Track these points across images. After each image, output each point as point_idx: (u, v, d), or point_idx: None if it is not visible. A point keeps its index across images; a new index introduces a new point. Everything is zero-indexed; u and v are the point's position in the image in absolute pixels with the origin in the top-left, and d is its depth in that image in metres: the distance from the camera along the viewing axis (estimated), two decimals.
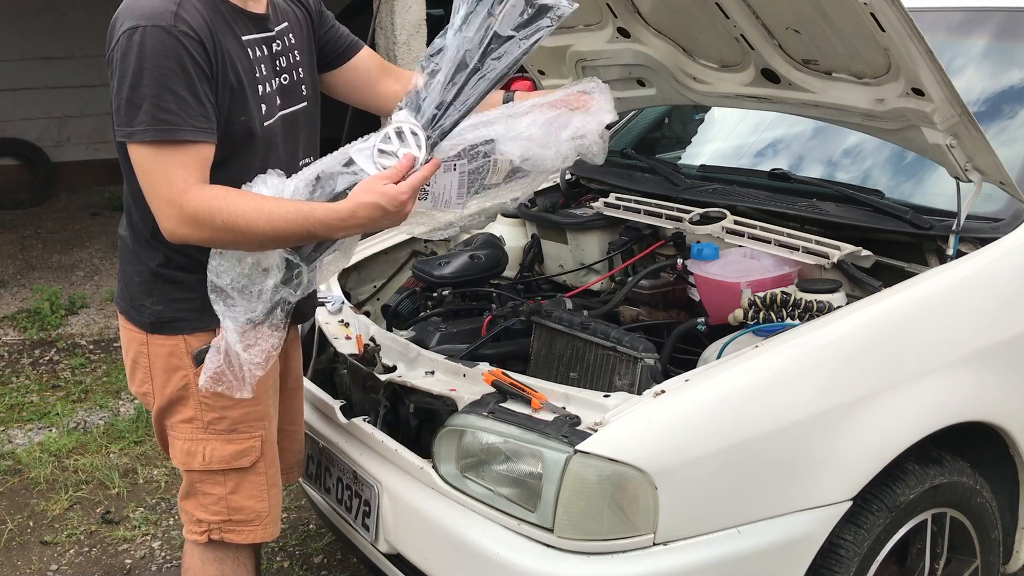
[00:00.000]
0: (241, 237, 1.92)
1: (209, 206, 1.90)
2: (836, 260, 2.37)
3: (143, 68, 1.88)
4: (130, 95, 1.89)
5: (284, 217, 1.91)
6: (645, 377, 2.23)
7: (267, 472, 2.21)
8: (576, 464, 1.90)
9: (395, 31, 5.49)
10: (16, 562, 3.27)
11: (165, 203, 1.92)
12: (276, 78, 2.12)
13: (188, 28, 1.91)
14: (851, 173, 2.82)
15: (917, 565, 2.30)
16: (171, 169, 1.91)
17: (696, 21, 2.59)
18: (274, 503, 2.24)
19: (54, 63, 8.47)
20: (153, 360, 2.14)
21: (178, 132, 1.90)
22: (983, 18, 2.89)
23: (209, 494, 2.18)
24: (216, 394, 2.09)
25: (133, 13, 1.92)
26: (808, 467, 2.01)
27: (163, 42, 1.88)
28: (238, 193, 1.95)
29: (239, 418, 2.14)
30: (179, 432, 2.17)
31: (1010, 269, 2.30)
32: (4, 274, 6.32)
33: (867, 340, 2.12)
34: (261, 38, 2.10)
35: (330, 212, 1.93)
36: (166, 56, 1.88)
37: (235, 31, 2.03)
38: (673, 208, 2.82)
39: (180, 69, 1.90)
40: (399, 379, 2.37)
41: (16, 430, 4.16)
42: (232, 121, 2.01)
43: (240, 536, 2.21)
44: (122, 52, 1.90)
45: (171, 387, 2.13)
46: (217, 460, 2.15)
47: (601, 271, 3.02)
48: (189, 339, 2.10)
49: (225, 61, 1.98)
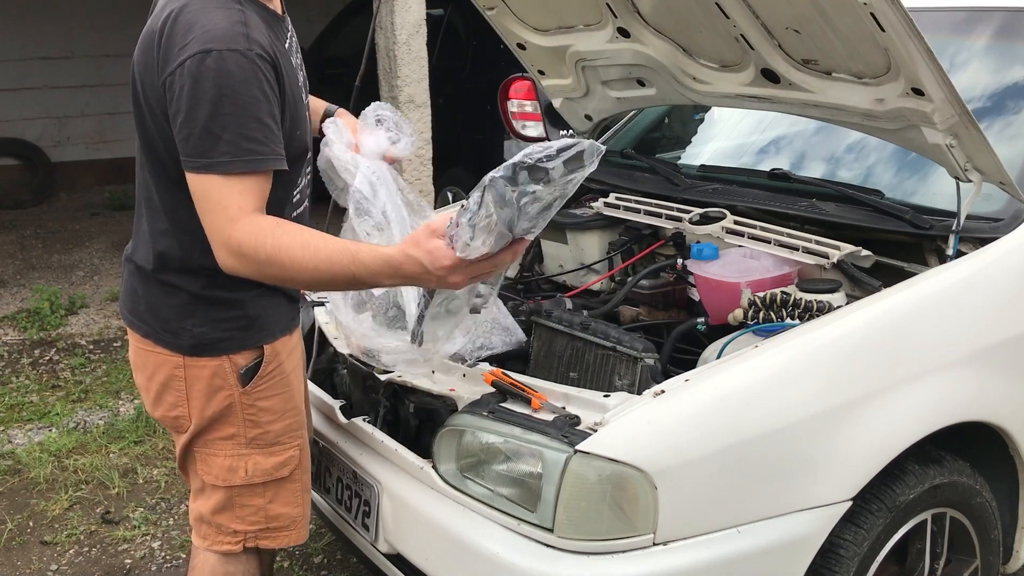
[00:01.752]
0: (285, 273, 1.84)
1: (255, 240, 1.82)
2: (836, 260, 2.37)
3: (223, 96, 1.79)
4: (207, 124, 1.80)
5: (328, 256, 1.81)
6: (645, 377, 2.23)
7: (303, 478, 2.22)
8: (576, 464, 1.90)
9: (395, 31, 5.50)
10: (16, 562, 3.27)
11: (216, 231, 1.85)
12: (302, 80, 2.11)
13: (261, 50, 1.85)
14: (851, 173, 2.83)
15: (917, 565, 2.30)
16: (230, 196, 1.83)
17: (696, 21, 2.59)
18: (307, 507, 2.25)
19: (54, 63, 8.48)
20: (191, 383, 2.06)
21: (265, 163, 1.84)
22: (983, 18, 2.89)
23: (248, 506, 2.15)
24: (262, 410, 2.09)
25: (200, 35, 1.82)
26: (808, 467, 2.01)
27: (242, 67, 1.80)
28: (288, 226, 1.87)
29: (282, 431, 2.13)
30: (218, 449, 2.11)
31: (1010, 269, 2.30)
32: (4, 274, 6.32)
33: (867, 340, 2.12)
34: (291, 41, 2.07)
35: (376, 257, 1.81)
36: (247, 82, 1.81)
37: (280, 40, 1.98)
38: (673, 208, 2.82)
39: (261, 95, 1.83)
40: (399, 379, 2.37)
41: (16, 430, 4.16)
42: (292, 137, 1.97)
43: (275, 541, 2.20)
44: (193, 78, 1.79)
45: (212, 408, 2.07)
46: (260, 473, 2.13)
47: (601, 271, 3.02)
48: (234, 359, 2.05)
49: (286, 77, 1.93)
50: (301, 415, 2.19)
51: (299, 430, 2.18)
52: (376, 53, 5.70)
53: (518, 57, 3.18)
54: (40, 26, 8.32)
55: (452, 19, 6.80)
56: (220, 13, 1.85)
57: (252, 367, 2.06)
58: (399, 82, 5.57)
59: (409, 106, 5.62)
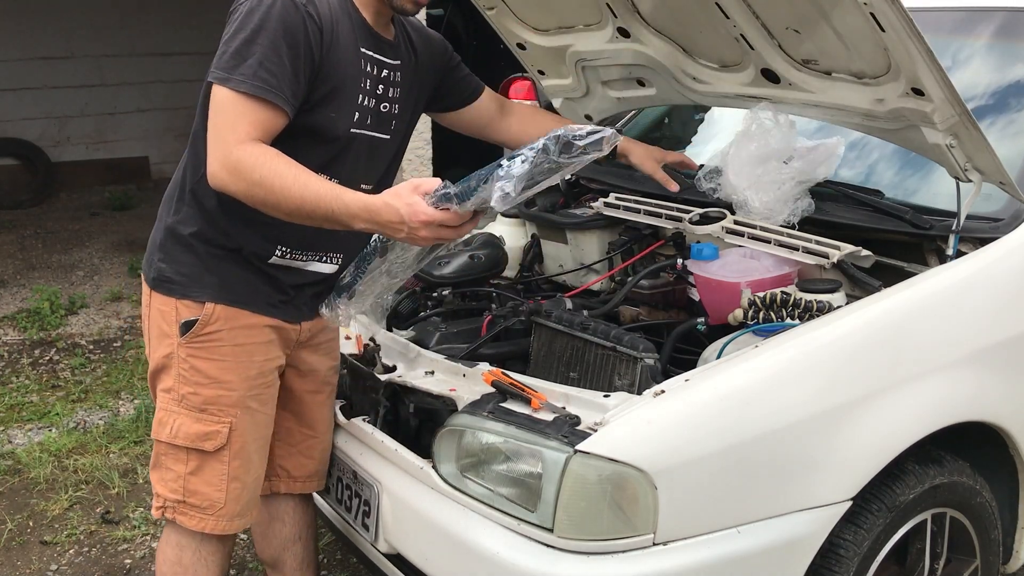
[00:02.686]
0: (272, 197, 1.97)
1: (254, 160, 1.97)
2: (836, 260, 2.37)
3: (263, 28, 1.99)
4: (241, 47, 2.00)
5: (316, 191, 1.96)
6: (645, 377, 2.23)
7: (230, 463, 2.22)
8: (576, 464, 1.90)
9: None
10: (16, 562, 3.27)
11: (219, 143, 2.00)
12: (376, 102, 2.22)
13: (315, 11, 2.05)
14: (851, 173, 2.82)
15: (917, 565, 2.30)
16: (241, 119, 1.99)
17: (696, 21, 2.59)
18: (232, 497, 2.23)
19: (54, 63, 8.47)
20: (152, 321, 2.23)
21: (269, 93, 1.99)
22: (983, 18, 2.89)
23: (170, 469, 2.22)
24: (194, 368, 2.16)
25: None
26: (808, 467, 2.02)
27: (290, 13, 2.01)
28: (286, 159, 2.00)
29: (210, 398, 2.18)
30: (159, 401, 2.23)
31: (1010, 269, 2.30)
32: (4, 274, 6.32)
33: (867, 340, 2.12)
34: (378, 59, 2.21)
35: (357, 200, 1.97)
36: (287, 27, 2.00)
37: (356, 39, 2.15)
38: (673, 208, 2.82)
39: (294, 42, 2.01)
40: (399, 379, 2.37)
41: (16, 430, 4.16)
42: (320, 114, 2.10)
43: (191, 521, 2.23)
44: (250, 7, 2.02)
45: (159, 352, 2.21)
46: (183, 436, 2.19)
47: (601, 271, 3.02)
48: (180, 308, 2.17)
49: (333, 56, 2.08)
50: (236, 393, 2.19)
51: (232, 407, 2.20)
52: None
53: (518, 57, 3.18)
54: (40, 26, 8.31)
55: (452, 19, 6.81)
56: None
57: (191, 321, 2.16)
58: None
59: None
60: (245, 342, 2.20)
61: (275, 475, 2.44)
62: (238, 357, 2.19)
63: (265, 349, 2.24)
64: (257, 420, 2.25)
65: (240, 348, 2.19)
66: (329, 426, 2.49)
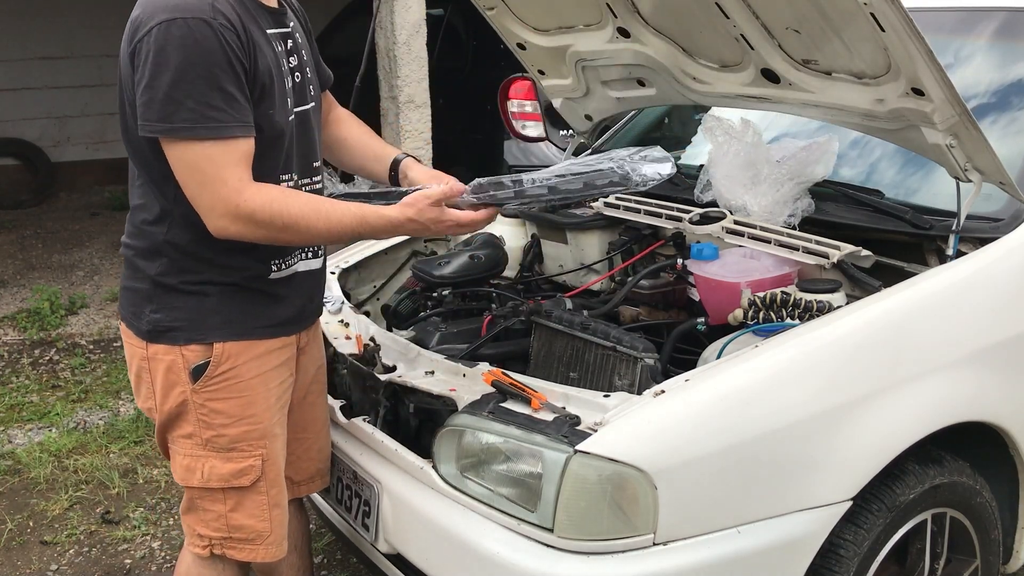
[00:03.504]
0: (297, 237, 1.99)
1: (270, 208, 1.92)
2: (836, 260, 2.37)
3: (187, 62, 1.84)
4: (170, 91, 1.84)
5: (340, 220, 1.99)
6: (645, 377, 2.23)
7: (268, 492, 2.16)
8: (576, 464, 1.90)
9: (395, 31, 5.50)
10: (16, 562, 3.27)
11: (220, 201, 1.91)
12: (291, 75, 2.11)
13: (226, 20, 1.89)
14: (851, 172, 2.82)
15: (917, 565, 2.30)
16: (225, 168, 1.90)
17: (696, 21, 2.59)
18: (276, 523, 2.19)
19: (54, 63, 8.47)
20: (154, 374, 2.10)
21: (227, 129, 1.89)
22: (983, 18, 2.89)
23: (209, 511, 2.15)
24: (214, 411, 2.07)
25: (166, 5, 1.87)
26: (808, 467, 2.01)
27: (206, 35, 1.85)
28: (294, 194, 1.99)
29: (238, 436, 2.10)
30: (179, 447, 2.13)
31: (1010, 269, 2.30)
32: (4, 274, 6.32)
33: (867, 340, 2.12)
34: (280, 33, 2.09)
35: (382, 219, 2.02)
36: (210, 50, 1.85)
37: (259, 24, 2.02)
38: (673, 208, 2.82)
39: (225, 63, 1.87)
40: (399, 379, 2.37)
41: (16, 430, 4.16)
42: (263, 115, 1.99)
43: (242, 554, 2.18)
44: (158, 45, 1.84)
45: (170, 403, 2.09)
46: (216, 478, 2.11)
47: (601, 271, 3.02)
48: (186, 353, 2.06)
49: (256, 55, 1.96)
50: (263, 424, 2.12)
51: (260, 439, 2.12)
52: (376, 53, 5.70)
53: (518, 57, 3.18)
54: (40, 26, 8.32)
55: (452, 19, 6.80)
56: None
57: (202, 365, 2.06)
58: (399, 82, 5.56)
59: (409, 106, 5.62)
60: (261, 372, 2.12)
61: None
62: (256, 389, 2.11)
63: (280, 372, 2.18)
64: (282, 442, 2.21)
65: (258, 379, 2.11)
66: (325, 423, 2.46)
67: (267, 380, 2.14)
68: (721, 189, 2.71)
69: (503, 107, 6.13)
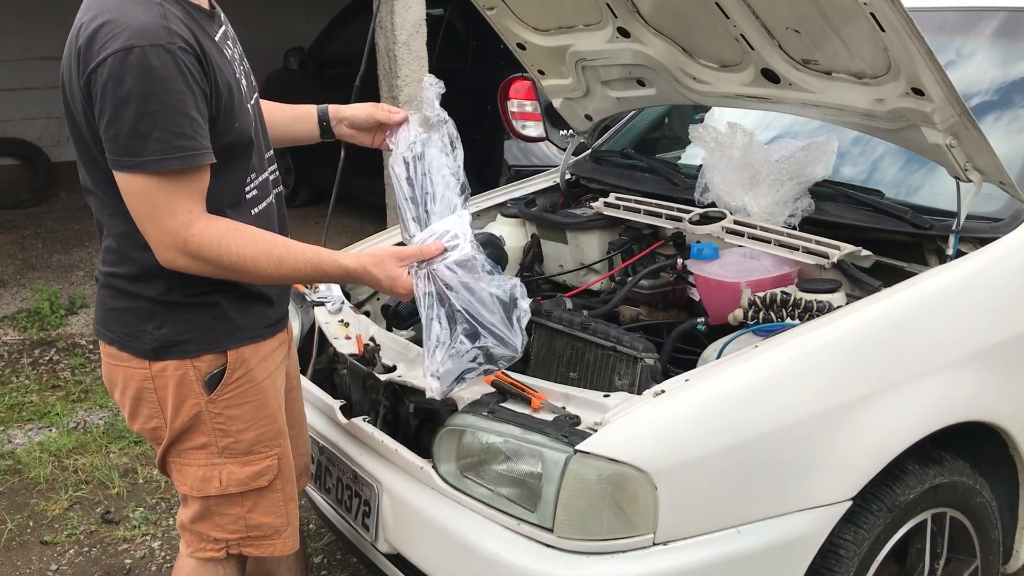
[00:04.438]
0: (244, 277, 1.96)
1: (218, 245, 1.88)
2: (836, 260, 2.37)
3: (149, 93, 1.78)
4: (135, 123, 1.79)
5: (292, 266, 1.97)
6: (645, 377, 2.23)
7: (284, 488, 2.17)
8: (576, 464, 1.90)
9: (395, 31, 5.50)
10: (16, 562, 3.27)
11: (167, 234, 1.86)
12: (240, 74, 2.05)
13: (183, 43, 1.82)
14: (851, 172, 2.82)
15: (917, 565, 2.30)
16: (177, 199, 1.84)
17: (696, 21, 2.59)
18: (292, 517, 2.20)
19: (54, 63, 8.40)
20: (161, 393, 2.03)
21: (198, 158, 1.84)
22: (983, 18, 2.89)
23: (227, 515, 2.13)
24: (231, 418, 2.06)
25: (121, 32, 1.79)
26: (808, 467, 2.02)
27: (166, 62, 1.79)
28: (248, 233, 1.93)
29: (254, 439, 2.09)
30: (191, 459, 2.09)
31: (1010, 269, 2.30)
32: (4, 274, 6.33)
33: (867, 340, 2.12)
34: (223, 33, 2.02)
35: (337, 268, 2.03)
36: (171, 78, 1.79)
37: (208, 33, 1.94)
38: (673, 208, 2.82)
39: (187, 88, 1.81)
40: (399, 379, 2.37)
41: (16, 430, 4.16)
42: (229, 130, 1.94)
43: (259, 550, 2.18)
44: (116, 77, 1.77)
45: (182, 418, 2.04)
46: (235, 483, 2.09)
47: (601, 271, 3.02)
48: (198, 364, 2.02)
49: (214, 69, 1.90)
50: (276, 424, 2.13)
51: (275, 439, 2.12)
52: (376, 53, 5.70)
53: (518, 57, 3.18)
54: (40, 26, 8.31)
55: (452, 19, 6.80)
56: (138, 9, 1.83)
57: (217, 374, 2.03)
58: (399, 82, 5.56)
59: None
60: (269, 372, 2.12)
61: None
62: (267, 391, 2.11)
63: (281, 370, 2.20)
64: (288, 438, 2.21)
65: (268, 380, 2.12)
66: (304, 417, 2.47)
67: (275, 379, 2.15)
68: (720, 192, 2.72)
69: (503, 107, 6.13)
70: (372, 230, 3.66)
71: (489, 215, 3.34)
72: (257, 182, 2.09)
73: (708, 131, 2.82)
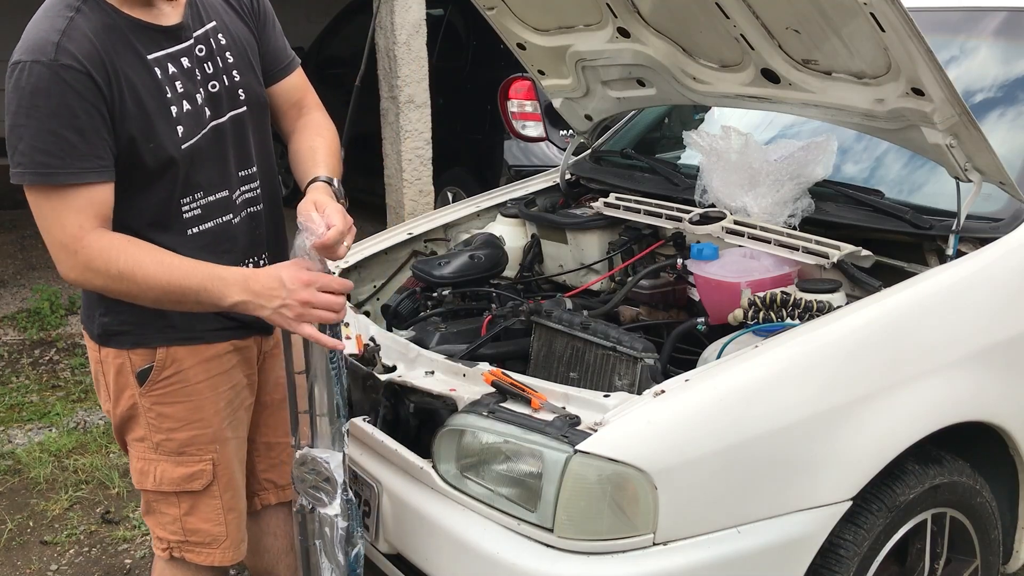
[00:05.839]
0: (135, 288, 1.88)
1: (107, 256, 1.85)
2: (836, 260, 2.37)
3: (21, 107, 1.79)
4: (9, 136, 1.80)
5: (185, 273, 1.88)
6: (645, 377, 2.23)
7: (222, 496, 2.14)
8: (576, 464, 1.90)
9: (395, 31, 5.50)
10: (16, 562, 3.27)
11: (59, 248, 1.86)
12: (201, 90, 1.99)
13: (73, 60, 1.79)
14: (851, 172, 2.83)
15: (917, 565, 2.30)
16: (64, 213, 1.83)
17: (696, 21, 2.59)
18: (232, 527, 2.18)
19: None
20: (107, 376, 2.10)
21: (57, 176, 1.81)
22: (983, 18, 2.89)
23: (165, 514, 2.15)
24: (162, 415, 2.07)
25: (20, 45, 1.84)
26: (808, 467, 2.02)
27: (43, 78, 1.78)
28: (142, 244, 1.89)
29: (186, 440, 2.09)
30: (134, 450, 2.14)
31: (1010, 269, 2.30)
32: (4, 274, 6.32)
33: (867, 340, 2.12)
34: (174, 52, 1.96)
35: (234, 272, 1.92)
36: (46, 94, 1.78)
37: (137, 50, 1.90)
38: (673, 208, 2.82)
39: (63, 107, 1.79)
40: (399, 379, 2.37)
41: (16, 430, 4.16)
42: (142, 151, 1.91)
43: (199, 557, 2.17)
44: (7, 88, 1.80)
45: (121, 406, 2.09)
46: (168, 482, 2.10)
47: (601, 271, 3.02)
48: (133, 357, 2.05)
49: (123, 88, 1.86)
50: (212, 429, 2.10)
51: (211, 443, 2.11)
52: (376, 53, 5.70)
53: (518, 57, 3.18)
54: None
55: (452, 19, 6.80)
56: (45, 21, 1.85)
57: (147, 369, 2.04)
58: (399, 82, 5.57)
59: (409, 106, 5.62)
60: (208, 376, 2.09)
61: (262, 489, 2.38)
62: (203, 393, 2.09)
63: (229, 376, 2.14)
64: (235, 446, 2.19)
65: (205, 384, 2.09)
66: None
67: (216, 384, 2.12)
68: (719, 194, 2.72)
69: (503, 107, 6.14)
70: (372, 230, 3.66)
71: (489, 215, 3.34)
72: (202, 202, 2.03)
73: (702, 137, 2.83)
